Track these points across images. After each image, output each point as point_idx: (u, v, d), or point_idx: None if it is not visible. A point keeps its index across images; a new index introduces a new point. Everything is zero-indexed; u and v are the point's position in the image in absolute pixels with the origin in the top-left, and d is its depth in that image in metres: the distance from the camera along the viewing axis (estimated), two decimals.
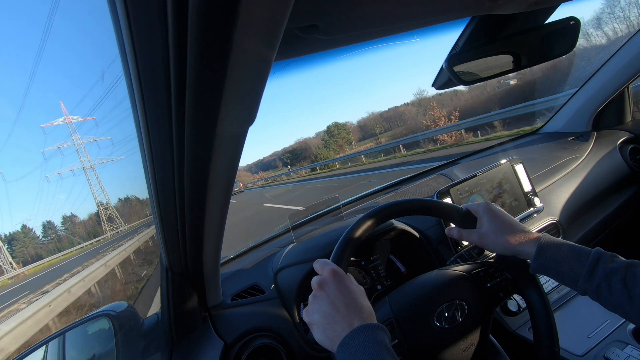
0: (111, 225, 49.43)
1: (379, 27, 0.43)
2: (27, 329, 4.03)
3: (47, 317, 4.68)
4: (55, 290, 5.63)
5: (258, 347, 0.77)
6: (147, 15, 0.26)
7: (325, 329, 0.49)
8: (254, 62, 0.30)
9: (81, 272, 7.40)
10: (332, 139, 32.53)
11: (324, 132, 34.48)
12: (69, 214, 67.38)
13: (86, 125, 67.45)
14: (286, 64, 0.49)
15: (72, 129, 48.53)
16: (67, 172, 59.27)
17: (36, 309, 4.43)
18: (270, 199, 12.10)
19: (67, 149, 55.41)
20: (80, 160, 52.50)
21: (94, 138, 57.17)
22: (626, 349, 0.77)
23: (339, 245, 0.63)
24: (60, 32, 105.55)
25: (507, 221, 0.65)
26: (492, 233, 0.64)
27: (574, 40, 0.64)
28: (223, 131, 0.36)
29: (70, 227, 62.40)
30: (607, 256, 0.55)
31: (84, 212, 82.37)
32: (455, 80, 0.64)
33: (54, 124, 49.96)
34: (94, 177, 51.59)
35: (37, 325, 4.30)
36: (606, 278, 0.52)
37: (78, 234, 58.88)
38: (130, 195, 64.06)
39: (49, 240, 60.64)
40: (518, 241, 0.62)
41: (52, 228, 61.81)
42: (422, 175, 1.42)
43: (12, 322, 3.89)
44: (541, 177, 1.25)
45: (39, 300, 4.80)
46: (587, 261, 0.55)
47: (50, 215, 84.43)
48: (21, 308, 6.94)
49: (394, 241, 1.05)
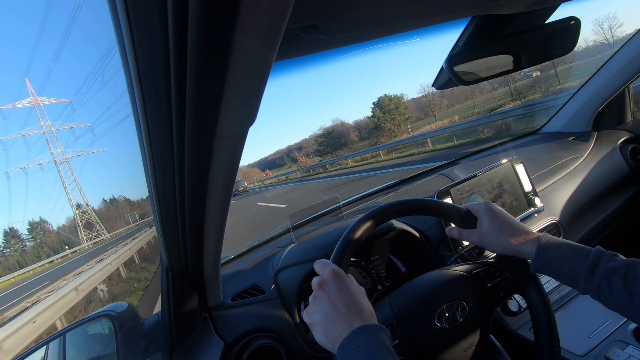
0: (89, 233, 41.01)
1: (379, 27, 0.43)
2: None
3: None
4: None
5: (258, 347, 0.77)
6: (147, 15, 0.26)
7: (325, 329, 0.49)
8: (254, 62, 0.30)
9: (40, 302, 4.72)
10: (387, 116, 26.71)
11: (373, 107, 28.65)
12: (37, 219, 53.17)
13: (58, 109, 55.56)
14: (286, 64, 0.49)
15: (40, 112, 39.75)
16: (34, 166, 47.92)
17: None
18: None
19: (34, 138, 45.71)
20: (51, 152, 42.77)
21: (69, 125, 47.47)
22: (627, 349, 0.77)
23: (339, 246, 0.63)
24: (71, 43, 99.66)
25: (507, 221, 0.65)
26: (493, 233, 0.64)
27: (575, 40, 0.64)
28: (223, 131, 0.36)
29: (39, 236, 48.74)
30: (608, 255, 0.55)
31: (56, 217, 65.96)
32: (456, 80, 0.64)
33: (17, 106, 41.14)
34: (68, 172, 42.66)
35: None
36: (607, 277, 0.52)
37: (48, 244, 47.07)
38: (118, 196, 54.46)
39: (11, 252, 46.55)
40: (518, 241, 0.62)
41: (15, 237, 47.87)
42: (423, 175, 1.42)
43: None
44: (542, 177, 1.24)
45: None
46: (588, 260, 0.55)
47: (13, 220, 67.24)
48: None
49: (394, 241, 1.05)
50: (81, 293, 5.81)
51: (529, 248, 0.61)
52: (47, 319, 4.48)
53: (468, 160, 1.48)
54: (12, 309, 9.24)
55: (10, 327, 3.71)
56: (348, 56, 0.56)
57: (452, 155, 1.63)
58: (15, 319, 4.03)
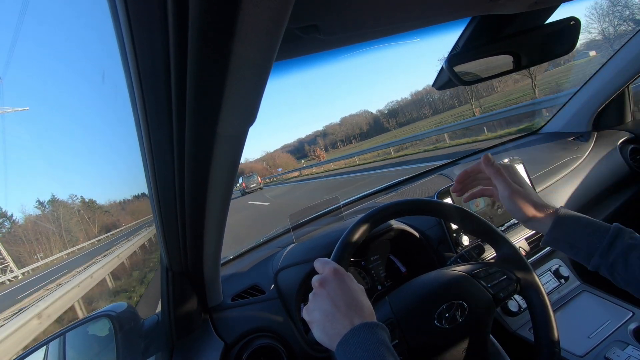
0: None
1: (379, 27, 0.43)
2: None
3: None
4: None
5: (258, 347, 0.77)
6: (148, 15, 0.26)
7: (325, 327, 0.49)
8: (254, 62, 0.30)
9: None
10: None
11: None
12: None
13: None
14: (286, 64, 0.49)
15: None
16: None
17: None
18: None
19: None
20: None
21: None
22: (627, 349, 0.77)
23: (339, 246, 0.63)
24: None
25: (527, 185, 0.63)
26: (514, 191, 0.62)
27: (574, 40, 0.64)
28: (224, 131, 0.36)
29: None
30: (627, 232, 0.54)
31: None
32: (456, 80, 0.64)
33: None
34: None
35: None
36: (624, 254, 0.52)
37: None
38: (55, 198, 33.08)
39: None
40: (536, 208, 0.60)
41: None
42: (423, 176, 1.42)
43: None
44: (541, 177, 1.24)
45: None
46: (607, 235, 0.54)
47: None
48: None
49: (394, 241, 1.05)
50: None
51: (545, 219, 0.59)
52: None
53: (468, 160, 1.48)
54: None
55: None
56: (348, 56, 0.56)
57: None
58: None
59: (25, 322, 4.78)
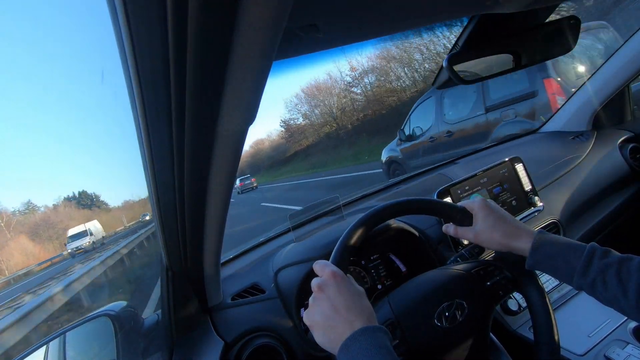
0: None
1: (379, 26, 0.43)
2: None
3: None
4: None
5: (258, 346, 0.77)
6: (147, 14, 0.26)
7: (326, 331, 0.49)
8: (254, 62, 0.30)
9: None
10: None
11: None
12: None
13: None
14: (286, 63, 0.49)
15: None
16: None
17: None
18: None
19: None
20: None
21: None
22: (627, 348, 0.77)
23: (338, 247, 0.63)
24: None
25: (502, 217, 0.65)
26: (487, 229, 0.64)
27: (574, 39, 0.64)
28: (223, 130, 0.36)
29: None
30: (602, 251, 0.54)
31: None
32: (455, 79, 0.64)
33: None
34: None
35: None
36: (601, 273, 0.52)
37: None
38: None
39: None
40: (513, 237, 0.62)
41: None
42: (423, 174, 1.42)
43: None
44: (541, 176, 1.24)
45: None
46: (582, 256, 0.54)
47: None
48: None
49: (394, 240, 1.05)
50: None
51: (523, 245, 0.61)
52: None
53: (468, 159, 1.48)
54: None
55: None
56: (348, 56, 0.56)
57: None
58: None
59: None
